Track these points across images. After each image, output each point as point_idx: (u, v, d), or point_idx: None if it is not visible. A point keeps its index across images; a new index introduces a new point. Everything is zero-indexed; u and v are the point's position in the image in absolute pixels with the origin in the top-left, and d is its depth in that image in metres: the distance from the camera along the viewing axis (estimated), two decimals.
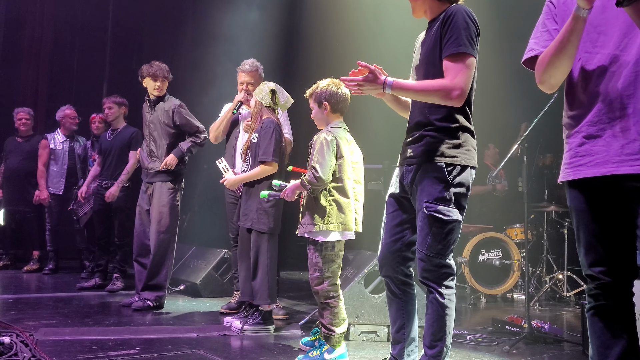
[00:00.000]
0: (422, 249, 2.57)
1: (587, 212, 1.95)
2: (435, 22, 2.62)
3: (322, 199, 3.16)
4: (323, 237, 3.17)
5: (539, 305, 5.69)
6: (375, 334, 3.81)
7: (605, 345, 1.87)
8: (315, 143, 3.19)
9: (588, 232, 1.95)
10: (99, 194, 5.68)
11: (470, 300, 5.81)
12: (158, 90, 4.78)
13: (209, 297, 5.29)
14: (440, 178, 2.53)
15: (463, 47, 2.46)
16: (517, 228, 6.21)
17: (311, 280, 3.23)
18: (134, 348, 3.29)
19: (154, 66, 4.77)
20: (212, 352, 3.29)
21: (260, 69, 4.69)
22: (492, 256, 5.99)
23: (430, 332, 2.56)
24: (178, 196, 4.79)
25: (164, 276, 4.70)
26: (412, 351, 2.79)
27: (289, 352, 3.40)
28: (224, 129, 4.66)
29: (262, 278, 3.82)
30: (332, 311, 3.19)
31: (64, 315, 4.21)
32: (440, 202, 2.52)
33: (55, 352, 3.07)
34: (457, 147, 2.56)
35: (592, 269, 1.93)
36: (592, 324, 1.92)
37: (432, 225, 2.52)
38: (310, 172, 3.12)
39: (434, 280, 2.55)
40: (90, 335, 3.60)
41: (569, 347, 3.87)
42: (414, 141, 2.65)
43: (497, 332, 4.20)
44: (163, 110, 4.75)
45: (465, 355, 3.49)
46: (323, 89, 3.24)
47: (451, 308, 2.56)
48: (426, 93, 2.51)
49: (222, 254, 5.52)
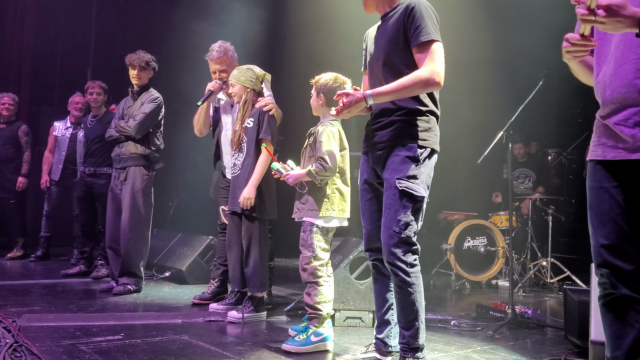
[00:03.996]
0: (390, 225, 2.62)
1: (599, 190, 1.89)
2: (392, 16, 2.72)
3: (326, 187, 3.26)
4: (324, 222, 3.25)
5: (523, 292, 5.75)
6: (361, 320, 3.83)
7: (617, 336, 1.83)
8: (321, 135, 3.25)
9: (598, 211, 1.88)
10: (83, 180, 5.64)
11: (455, 287, 5.87)
12: (136, 79, 4.78)
13: (195, 283, 5.28)
14: (412, 158, 2.62)
15: (432, 34, 2.59)
16: (502, 215, 6.26)
17: (302, 259, 3.28)
18: (118, 334, 3.28)
19: (134, 55, 4.76)
20: (197, 338, 3.29)
21: (230, 51, 4.41)
22: (477, 243, 6.04)
23: (404, 314, 2.64)
24: (152, 182, 4.79)
25: (140, 261, 4.70)
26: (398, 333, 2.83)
27: (275, 337, 3.41)
28: (203, 121, 4.48)
29: (254, 266, 3.79)
30: (319, 290, 3.22)
31: (47, 302, 4.18)
32: (411, 179, 2.61)
33: (38, 338, 3.05)
34: (427, 131, 2.67)
35: (601, 250, 1.87)
36: (603, 313, 1.88)
37: (402, 199, 2.60)
38: (319, 163, 3.19)
39: (400, 258, 2.60)
40: (74, 321, 3.57)
41: (551, 332, 3.92)
42: (384, 126, 2.72)
43: (481, 317, 4.25)
44: (142, 102, 4.76)
45: (450, 340, 3.52)
46: (324, 82, 3.30)
47: (418, 284, 2.64)
48: (406, 89, 2.58)
49: (208, 240, 5.51)
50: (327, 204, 3.24)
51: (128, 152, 4.70)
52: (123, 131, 4.69)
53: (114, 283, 4.75)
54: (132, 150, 4.70)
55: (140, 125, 4.66)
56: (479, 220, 6.13)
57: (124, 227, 4.66)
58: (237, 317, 3.78)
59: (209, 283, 4.55)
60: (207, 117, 4.51)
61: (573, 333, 3.37)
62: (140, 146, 4.72)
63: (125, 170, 4.70)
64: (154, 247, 5.78)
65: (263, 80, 3.97)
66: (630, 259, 1.81)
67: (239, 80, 3.90)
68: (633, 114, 1.80)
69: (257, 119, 3.83)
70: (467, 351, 3.30)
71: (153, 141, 4.80)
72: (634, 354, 1.79)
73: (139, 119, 4.66)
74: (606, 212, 1.87)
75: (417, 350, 2.64)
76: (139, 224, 4.69)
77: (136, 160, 4.70)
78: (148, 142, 4.76)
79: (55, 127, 6.54)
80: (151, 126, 4.77)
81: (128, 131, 4.67)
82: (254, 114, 3.86)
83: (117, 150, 4.79)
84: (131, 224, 4.64)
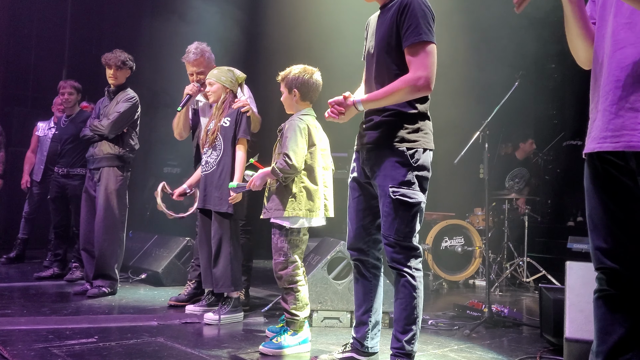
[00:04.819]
0: (389, 234, 2.59)
1: (592, 191, 1.86)
2: (390, 9, 2.65)
3: (293, 186, 3.15)
4: (291, 223, 3.16)
5: (500, 291, 5.80)
6: (338, 320, 3.82)
7: (605, 331, 1.83)
8: (288, 130, 3.16)
9: (592, 213, 1.85)
10: (56, 181, 5.54)
11: (432, 287, 5.89)
12: (113, 79, 4.74)
13: (171, 285, 5.23)
14: (403, 162, 2.57)
15: (423, 35, 2.53)
16: (479, 215, 6.30)
17: (275, 265, 3.21)
18: (92, 337, 3.22)
19: (111, 54, 4.72)
20: (172, 340, 3.25)
21: (207, 52, 4.38)
22: (454, 243, 6.08)
23: (403, 317, 2.60)
24: (126, 183, 4.74)
25: (114, 263, 4.64)
26: (376, 335, 2.83)
27: (252, 339, 3.39)
28: (183, 124, 4.41)
29: (224, 265, 3.74)
30: (296, 296, 3.18)
31: (19, 305, 4.10)
32: (404, 185, 2.57)
33: (9, 342, 2.99)
34: (417, 132, 2.62)
35: (596, 252, 1.85)
36: (595, 307, 1.87)
37: (399, 209, 2.56)
38: (282, 160, 3.09)
39: (404, 263, 2.59)
40: (47, 324, 3.51)
41: (527, 330, 3.96)
42: (372, 127, 2.69)
43: (458, 316, 4.27)
44: (117, 102, 4.70)
45: (427, 340, 3.53)
46: (295, 76, 3.20)
47: (421, 290, 2.62)
48: (395, 95, 2.55)
49: (184, 242, 5.46)
50: (293, 203, 3.11)
51: (102, 152, 4.64)
52: (96, 130, 4.62)
53: (88, 285, 4.67)
54: (106, 150, 4.64)
55: (113, 124, 4.59)
56: (457, 220, 6.17)
57: (98, 229, 4.59)
58: (213, 318, 3.75)
59: (186, 285, 4.50)
60: (187, 120, 4.45)
61: (548, 331, 3.41)
62: (115, 146, 4.66)
63: (99, 171, 4.63)
64: (130, 249, 5.70)
65: (241, 83, 3.98)
66: (625, 257, 1.80)
67: (219, 79, 3.87)
68: None
69: (235, 119, 3.82)
70: (445, 350, 3.31)
71: (128, 141, 4.74)
72: (617, 351, 1.80)
73: (112, 118, 4.60)
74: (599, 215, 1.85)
75: (410, 356, 2.60)
76: (113, 225, 4.62)
77: (110, 160, 4.64)
78: (122, 142, 4.70)
79: (38, 127, 6.45)
80: (125, 126, 4.70)
81: (101, 130, 4.60)
82: (231, 113, 3.85)
83: (91, 151, 4.73)
84: (105, 226, 4.57)
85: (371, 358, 2.83)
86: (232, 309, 3.81)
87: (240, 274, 3.88)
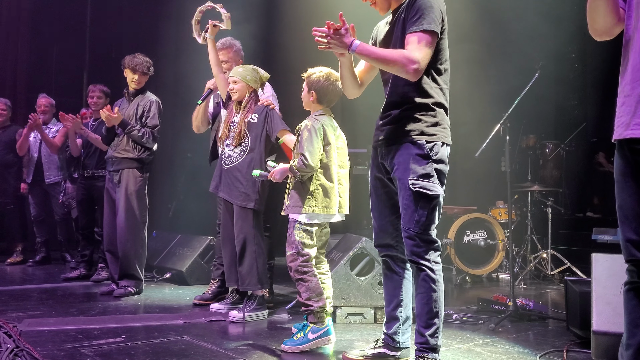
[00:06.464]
0: (409, 227, 2.59)
1: (622, 182, 1.82)
2: (401, 12, 2.65)
3: (309, 183, 3.23)
4: (308, 218, 3.22)
5: (524, 284, 5.75)
6: (362, 316, 3.83)
7: (636, 324, 1.80)
8: (303, 131, 3.24)
9: (623, 204, 1.81)
10: (81, 183, 5.62)
11: (456, 281, 5.86)
12: (136, 84, 4.80)
13: (195, 284, 5.28)
14: (423, 155, 2.58)
15: (425, 24, 2.51)
16: (501, 209, 6.25)
17: (287, 257, 3.28)
18: (119, 336, 3.27)
19: (136, 59, 4.77)
20: (198, 338, 3.28)
21: (236, 46, 4.46)
22: (476, 237, 6.03)
23: (425, 311, 2.59)
24: (145, 184, 4.79)
25: (138, 263, 4.69)
26: (407, 330, 2.84)
27: (277, 336, 3.41)
28: (202, 118, 4.50)
29: (250, 263, 3.77)
30: (307, 286, 3.21)
31: (48, 306, 4.18)
32: (424, 178, 2.57)
33: (39, 343, 3.05)
34: (435, 126, 2.62)
35: (627, 244, 1.81)
36: (626, 299, 1.84)
37: (419, 201, 2.57)
38: (300, 160, 3.17)
39: (423, 257, 2.59)
40: (75, 324, 3.57)
41: (553, 324, 3.92)
42: (391, 121, 2.68)
43: (483, 311, 4.25)
44: (139, 104, 4.76)
45: (452, 334, 3.52)
46: (317, 79, 3.28)
47: (441, 283, 2.62)
48: (387, 61, 2.52)
49: (207, 241, 5.51)
50: (310, 200, 3.21)
51: (121, 154, 4.69)
52: (144, 145, 4.71)
53: (114, 286, 4.74)
54: (125, 153, 4.69)
55: (154, 138, 4.75)
56: (478, 214, 6.13)
57: (120, 230, 4.65)
58: (238, 316, 3.78)
59: (210, 283, 4.54)
60: (206, 114, 4.54)
61: (575, 324, 3.37)
62: (134, 149, 4.71)
63: (119, 173, 4.70)
64: (154, 248, 5.78)
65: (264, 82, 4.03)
66: None
67: (245, 78, 3.90)
68: None
69: (264, 115, 3.86)
70: (470, 344, 3.30)
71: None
72: None
73: (153, 133, 4.73)
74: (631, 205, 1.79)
75: (435, 351, 2.60)
76: (135, 226, 4.67)
77: (129, 162, 4.69)
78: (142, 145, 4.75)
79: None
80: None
81: (149, 146, 4.72)
82: (258, 110, 3.89)
83: (110, 153, 4.78)
84: (127, 227, 4.63)
85: (402, 353, 2.83)
86: (257, 306, 3.83)
87: (265, 272, 3.90)
